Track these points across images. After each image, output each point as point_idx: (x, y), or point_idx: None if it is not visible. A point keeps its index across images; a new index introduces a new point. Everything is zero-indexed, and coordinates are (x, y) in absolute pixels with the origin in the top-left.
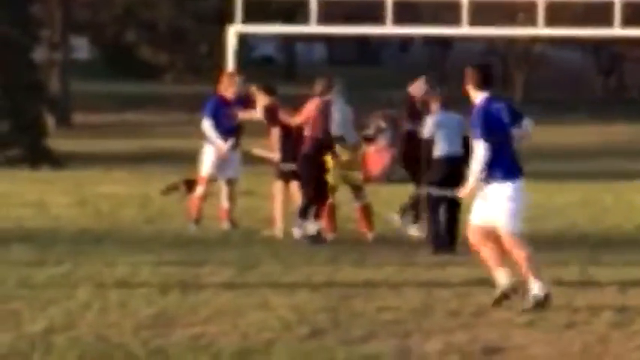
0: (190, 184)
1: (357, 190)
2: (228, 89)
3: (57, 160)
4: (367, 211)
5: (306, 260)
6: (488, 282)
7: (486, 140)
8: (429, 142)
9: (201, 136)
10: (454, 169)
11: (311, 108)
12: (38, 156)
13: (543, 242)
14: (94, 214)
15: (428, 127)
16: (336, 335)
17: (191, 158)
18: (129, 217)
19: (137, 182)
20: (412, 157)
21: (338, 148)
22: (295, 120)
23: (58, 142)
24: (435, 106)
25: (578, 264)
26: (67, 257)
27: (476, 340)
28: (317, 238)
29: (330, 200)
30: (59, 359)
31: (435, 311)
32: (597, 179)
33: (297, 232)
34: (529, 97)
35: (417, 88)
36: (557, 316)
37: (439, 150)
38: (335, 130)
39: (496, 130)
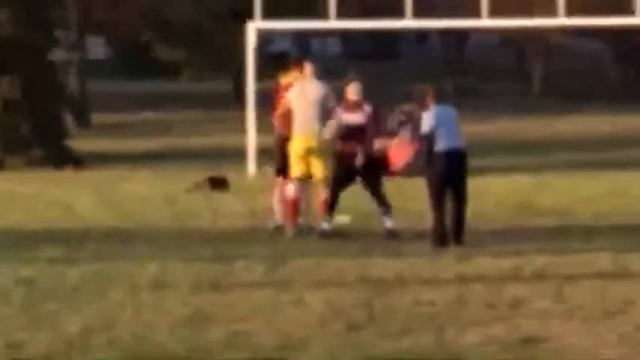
0: (214, 182)
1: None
2: None
3: (79, 161)
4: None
5: (335, 254)
6: (520, 273)
7: None
8: (430, 137)
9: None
10: (455, 163)
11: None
12: (61, 156)
13: (573, 233)
14: (120, 213)
15: (427, 121)
16: (373, 330)
17: (211, 156)
18: (155, 216)
19: (160, 181)
20: None
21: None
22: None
23: (79, 143)
24: (430, 100)
25: (611, 254)
26: (97, 257)
27: (514, 332)
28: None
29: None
30: None
31: (470, 303)
32: (622, 169)
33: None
34: (548, 88)
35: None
36: (593, 305)
37: (440, 144)
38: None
39: None
